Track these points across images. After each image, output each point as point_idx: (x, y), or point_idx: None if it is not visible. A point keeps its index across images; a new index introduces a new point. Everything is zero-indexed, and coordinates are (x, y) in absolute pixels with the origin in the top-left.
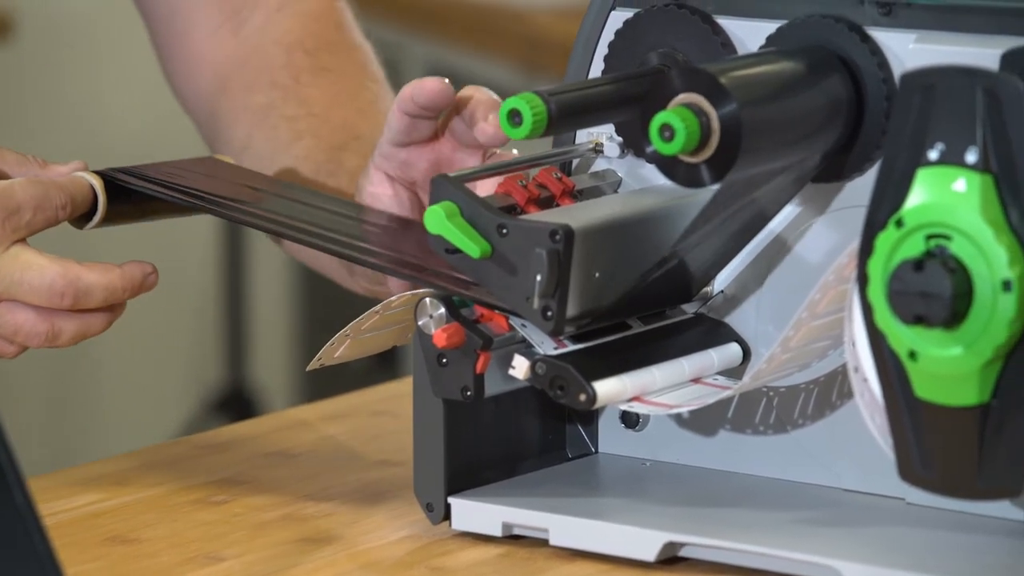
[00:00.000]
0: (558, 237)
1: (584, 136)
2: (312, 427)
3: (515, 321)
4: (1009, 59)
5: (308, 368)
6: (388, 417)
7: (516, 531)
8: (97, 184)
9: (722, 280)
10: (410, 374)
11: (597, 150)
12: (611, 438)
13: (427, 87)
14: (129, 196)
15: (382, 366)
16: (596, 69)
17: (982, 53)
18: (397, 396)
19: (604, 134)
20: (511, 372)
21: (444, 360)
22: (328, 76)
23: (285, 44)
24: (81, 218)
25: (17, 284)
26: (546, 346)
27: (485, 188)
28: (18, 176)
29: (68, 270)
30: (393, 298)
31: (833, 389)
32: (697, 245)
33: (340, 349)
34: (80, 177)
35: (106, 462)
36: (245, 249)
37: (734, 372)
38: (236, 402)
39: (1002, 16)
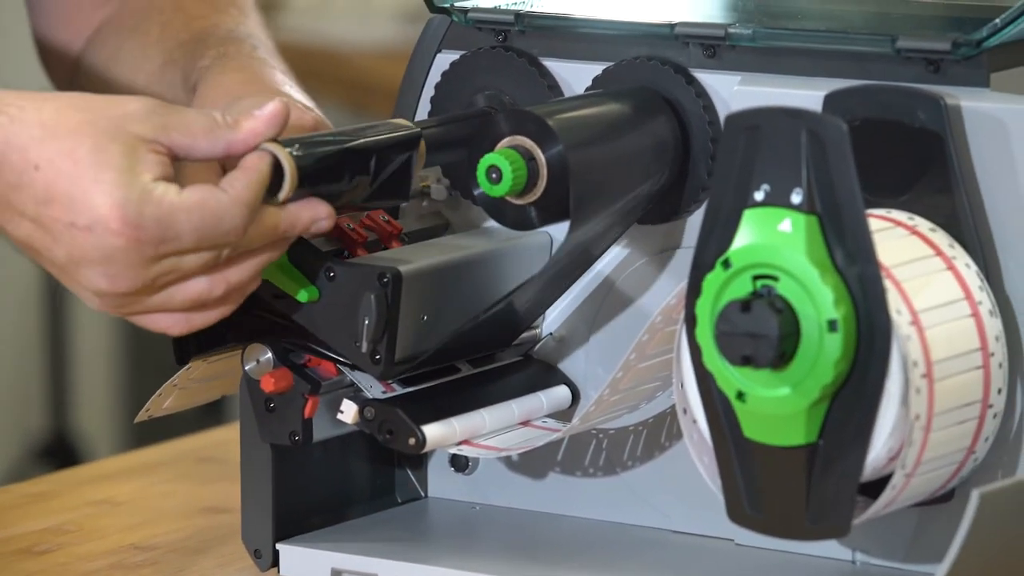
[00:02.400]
0: (386, 280)
1: None
2: (138, 474)
3: (343, 365)
4: (832, 101)
5: (136, 420)
6: (215, 463)
7: None
8: (286, 162)
9: (551, 322)
10: (237, 419)
11: (424, 192)
12: (440, 482)
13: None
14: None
15: (208, 412)
16: (423, 111)
17: (806, 95)
18: (224, 442)
19: (431, 176)
20: (339, 416)
21: (272, 405)
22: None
23: None
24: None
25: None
26: (374, 390)
27: None
28: (204, 148)
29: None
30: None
31: (662, 430)
32: (526, 288)
33: (168, 400)
34: (262, 169)
35: None
36: (67, 293)
37: (563, 415)
38: (59, 449)
39: (825, 58)
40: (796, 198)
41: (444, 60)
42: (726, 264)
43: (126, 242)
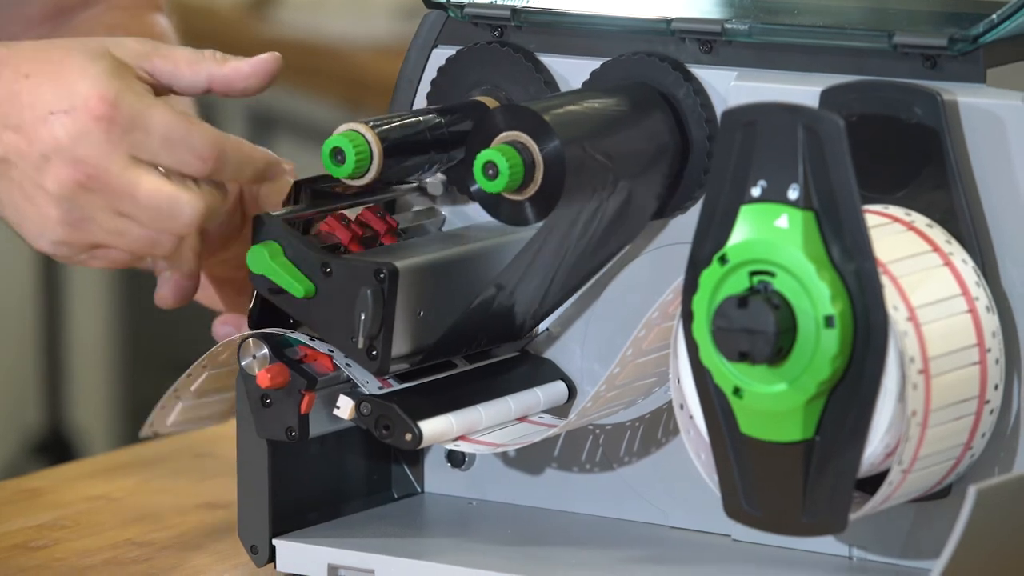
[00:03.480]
0: (382, 275)
1: None
2: (134, 470)
3: (339, 361)
4: (828, 96)
5: (141, 434)
6: (211, 459)
7: (342, 572)
8: (371, 138)
9: (548, 318)
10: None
11: (421, 188)
12: (437, 478)
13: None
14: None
15: None
16: (419, 107)
17: (802, 91)
18: (221, 437)
19: None
20: (336, 412)
21: (268, 400)
22: None
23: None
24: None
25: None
26: (371, 386)
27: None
28: (187, 77)
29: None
30: (218, 347)
31: (659, 426)
32: (524, 284)
33: (172, 415)
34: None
35: None
36: (63, 289)
37: (560, 410)
38: (56, 444)
39: (821, 54)
40: (793, 194)
41: (440, 55)
42: (723, 260)
43: (99, 118)
